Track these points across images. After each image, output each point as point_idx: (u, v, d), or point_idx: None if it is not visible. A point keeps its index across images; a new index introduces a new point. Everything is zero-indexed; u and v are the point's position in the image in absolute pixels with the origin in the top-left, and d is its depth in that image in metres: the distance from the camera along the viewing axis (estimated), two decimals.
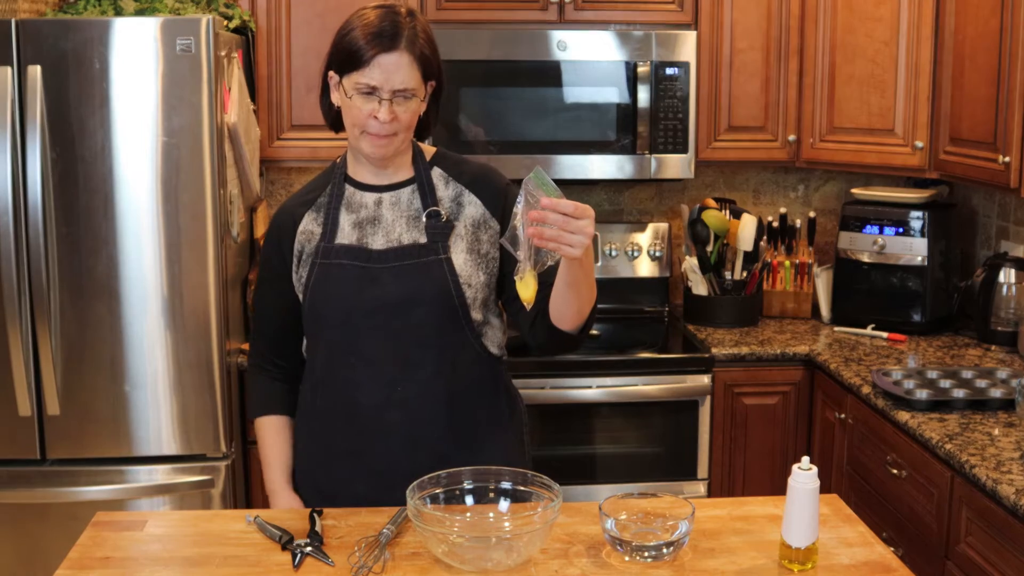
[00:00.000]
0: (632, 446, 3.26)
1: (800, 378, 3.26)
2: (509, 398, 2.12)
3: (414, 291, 1.94)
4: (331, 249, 1.98)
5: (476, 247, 1.99)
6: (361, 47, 1.89)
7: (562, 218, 1.68)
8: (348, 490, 2.01)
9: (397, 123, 1.91)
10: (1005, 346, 3.17)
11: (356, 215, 2.00)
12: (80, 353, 2.86)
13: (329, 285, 1.97)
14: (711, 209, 3.55)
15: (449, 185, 2.02)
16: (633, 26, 3.44)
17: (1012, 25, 2.74)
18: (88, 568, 1.73)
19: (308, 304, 1.99)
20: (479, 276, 1.98)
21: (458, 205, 2.00)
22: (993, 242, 3.46)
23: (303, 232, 2.02)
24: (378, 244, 1.97)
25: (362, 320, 1.95)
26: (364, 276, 1.95)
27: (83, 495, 2.89)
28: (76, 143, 2.79)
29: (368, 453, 1.99)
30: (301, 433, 2.10)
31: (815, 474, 1.71)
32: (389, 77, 1.88)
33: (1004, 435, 2.41)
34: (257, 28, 3.34)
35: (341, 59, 1.93)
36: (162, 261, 2.85)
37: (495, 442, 2.05)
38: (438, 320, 1.96)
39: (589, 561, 1.73)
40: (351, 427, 2.00)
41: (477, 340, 2.01)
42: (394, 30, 1.89)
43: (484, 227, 2.00)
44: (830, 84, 3.42)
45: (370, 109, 1.90)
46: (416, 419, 1.98)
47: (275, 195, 3.74)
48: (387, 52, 1.88)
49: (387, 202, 2.01)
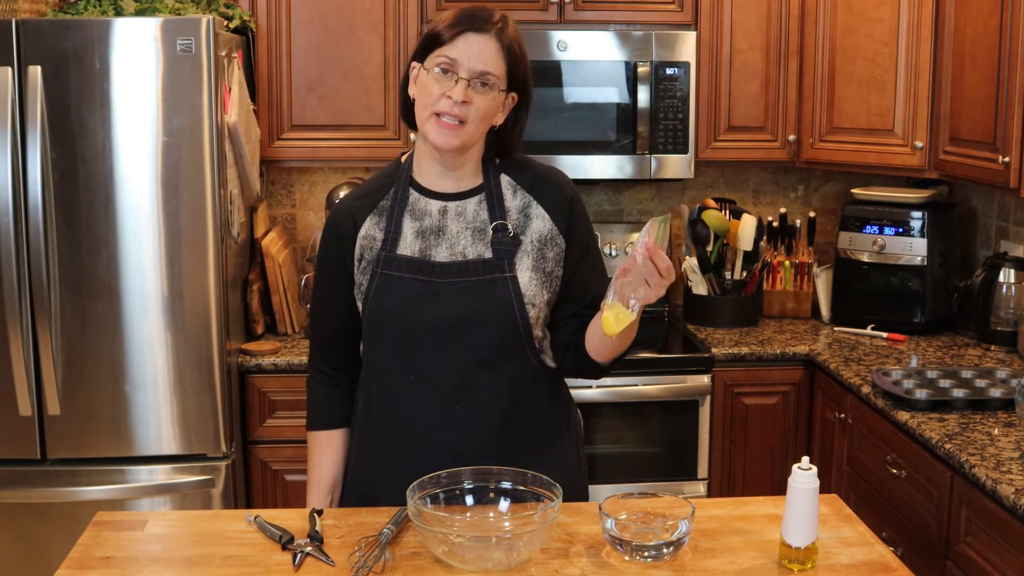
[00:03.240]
0: (632, 446, 3.26)
1: (800, 378, 3.26)
2: (564, 409, 2.06)
3: (476, 310, 1.88)
4: (392, 259, 1.91)
5: (542, 265, 1.92)
6: (447, 26, 1.84)
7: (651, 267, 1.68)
8: (391, 501, 1.94)
9: (469, 108, 1.82)
10: (1005, 346, 3.17)
11: (420, 223, 1.93)
12: (80, 353, 2.86)
13: (389, 298, 1.90)
14: (711, 209, 3.55)
15: (517, 195, 1.94)
16: (633, 26, 3.44)
17: (1012, 25, 2.74)
18: (89, 568, 1.73)
19: (367, 316, 1.93)
20: (543, 295, 1.92)
21: (525, 217, 1.93)
22: (993, 242, 3.46)
23: (365, 236, 1.93)
24: (441, 256, 1.90)
25: (421, 336, 1.89)
26: (425, 291, 1.89)
27: (84, 495, 2.89)
28: (76, 143, 2.79)
29: (417, 469, 1.85)
30: (355, 438, 2.04)
31: (815, 474, 1.71)
32: (471, 55, 1.82)
33: (1004, 435, 2.41)
34: (257, 28, 3.34)
35: (425, 42, 1.86)
36: (162, 261, 2.85)
37: (552, 461, 1.98)
38: (500, 340, 1.90)
39: (589, 561, 1.73)
40: (403, 442, 1.94)
41: (536, 357, 1.95)
42: (485, 15, 1.85)
43: (551, 244, 1.93)
44: (830, 84, 3.42)
45: (445, 87, 1.82)
46: (473, 440, 1.92)
47: (275, 195, 3.74)
48: (474, 32, 1.83)
49: (452, 212, 1.93)
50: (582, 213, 1.99)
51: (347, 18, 3.34)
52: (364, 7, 3.34)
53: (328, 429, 2.06)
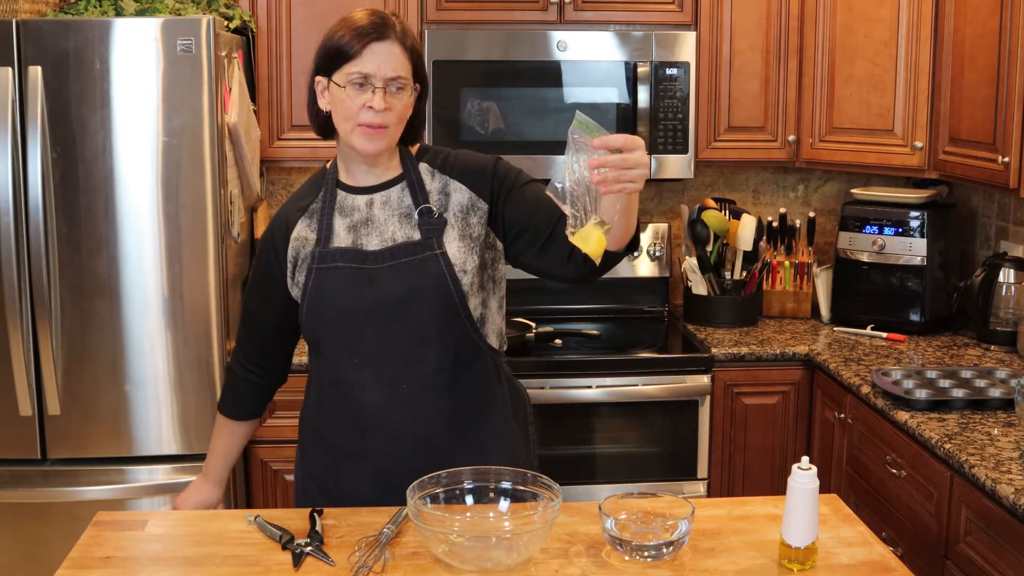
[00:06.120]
0: (632, 446, 3.26)
1: (800, 378, 3.26)
2: (513, 392, 2.13)
3: (412, 288, 1.95)
4: (327, 253, 1.99)
5: (467, 231, 1.99)
6: (351, 40, 1.90)
7: (620, 157, 1.64)
8: (355, 491, 2.01)
9: (390, 113, 1.91)
10: (1004, 346, 3.18)
11: (350, 219, 2.01)
12: (81, 353, 2.86)
13: (327, 288, 1.98)
14: (711, 209, 3.55)
15: (435, 177, 2.02)
16: (633, 26, 3.44)
17: (1012, 25, 2.74)
18: (89, 568, 1.73)
19: (307, 309, 2.00)
20: (473, 260, 1.98)
21: (446, 196, 2.01)
22: (992, 242, 3.46)
23: (296, 238, 2.02)
24: (373, 245, 1.98)
25: (362, 320, 1.96)
26: (362, 277, 1.96)
27: (84, 495, 2.89)
28: (77, 143, 2.79)
29: (375, 453, 2.00)
30: (308, 439, 2.11)
31: (815, 474, 1.71)
32: (382, 65, 1.90)
33: (1003, 435, 2.41)
34: (257, 28, 3.34)
35: (331, 57, 1.93)
36: (162, 261, 2.85)
37: (499, 437, 2.06)
38: (438, 315, 1.96)
39: (589, 561, 1.73)
40: (357, 428, 2.01)
41: (476, 333, 2.01)
42: (383, 23, 1.93)
43: (473, 210, 2.00)
44: (830, 84, 3.42)
45: (364, 100, 1.90)
46: (420, 416, 1.98)
47: (275, 195, 3.74)
48: (379, 41, 1.90)
49: (378, 202, 2.01)
50: (508, 167, 2.03)
51: None
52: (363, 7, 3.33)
53: (232, 419, 2.19)
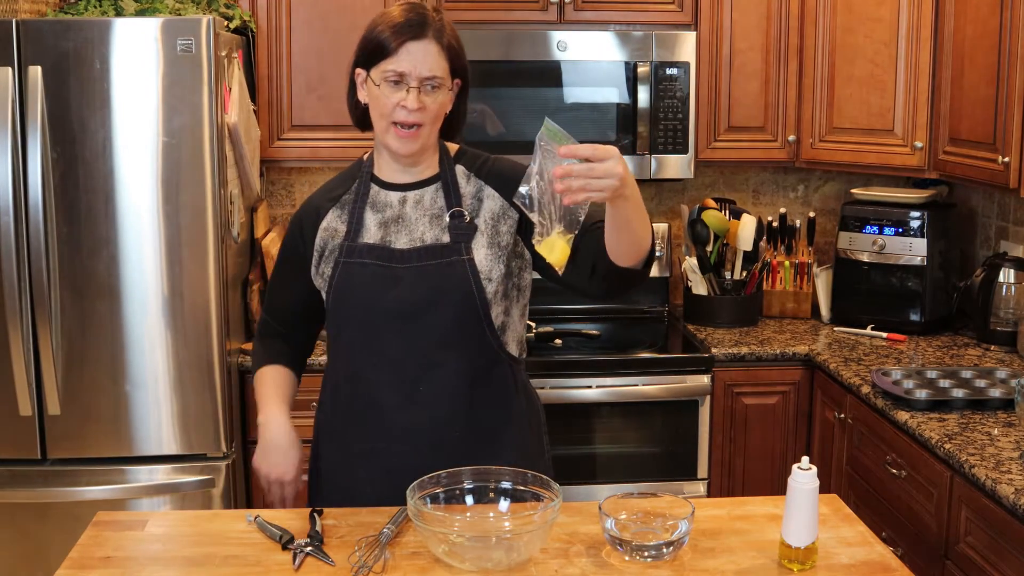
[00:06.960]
0: (632, 446, 3.26)
1: (800, 378, 3.26)
2: (528, 399, 2.10)
3: (435, 291, 1.94)
4: (355, 248, 1.98)
5: (497, 240, 1.98)
6: (389, 37, 1.90)
7: (586, 167, 1.62)
8: (368, 490, 1.99)
9: (424, 112, 1.90)
10: (1004, 346, 3.18)
11: (381, 214, 2.00)
12: (81, 353, 2.86)
13: (351, 284, 1.97)
14: (711, 209, 3.55)
15: (471, 181, 2.01)
16: (633, 26, 3.44)
17: (1012, 25, 2.75)
18: (89, 568, 1.73)
19: (331, 303, 2.00)
20: (499, 268, 1.97)
21: (479, 201, 1.99)
22: (992, 242, 3.46)
23: (326, 228, 2.02)
24: (401, 243, 1.97)
25: (383, 320, 1.95)
26: (386, 276, 1.95)
27: (84, 495, 2.89)
28: (77, 143, 2.79)
29: (387, 453, 1.99)
30: (322, 433, 2.10)
31: (815, 474, 1.71)
32: (417, 64, 1.89)
33: (1003, 435, 2.41)
34: (257, 28, 3.34)
35: (369, 51, 1.93)
36: (162, 261, 2.85)
37: (514, 443, 2.04)
38: (459, 320, 1.95)
39: (589, 561, 1.73)
40: (372, 427, 2.00)
41: (497, 340, 1.99)
42: (421, 20, 1.92)
43: (504, 218, 1.99)
44: (830, 84, 3.42)
45: (398, 98, 1.90)
46: (436, 419, 1.97)
47: (275, 195, 3.74)
48: (415, 40, 1.90)
49: (411, 201, 2.00)
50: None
51: (347, 18, 3.34)
52: (364, 7, 3.33)
53: (276, 364, 2.12)
